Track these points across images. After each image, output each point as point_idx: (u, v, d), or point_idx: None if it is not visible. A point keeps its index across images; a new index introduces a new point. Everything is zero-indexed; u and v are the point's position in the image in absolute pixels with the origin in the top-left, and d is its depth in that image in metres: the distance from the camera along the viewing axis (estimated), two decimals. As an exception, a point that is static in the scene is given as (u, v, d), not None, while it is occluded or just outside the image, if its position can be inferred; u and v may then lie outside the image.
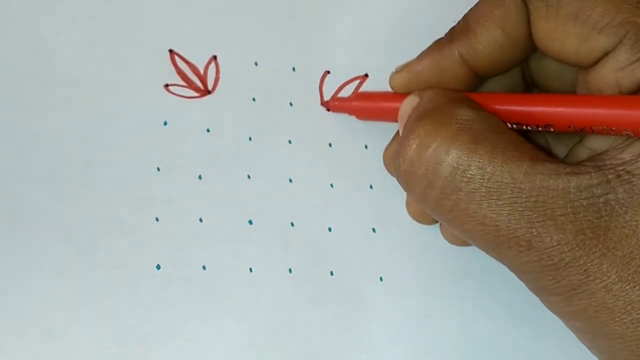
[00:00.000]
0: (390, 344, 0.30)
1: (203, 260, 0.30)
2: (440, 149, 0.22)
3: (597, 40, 0.22)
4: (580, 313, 0.21)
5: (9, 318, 0.28)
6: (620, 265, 0.20)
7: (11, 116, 0.30)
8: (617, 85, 0.22)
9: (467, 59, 0.25)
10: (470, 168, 0.22)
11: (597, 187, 0.21)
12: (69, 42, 0.31)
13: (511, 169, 0.21)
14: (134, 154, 0.30)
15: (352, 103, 0.31)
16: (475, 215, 0.22)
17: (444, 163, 0.22)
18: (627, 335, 0.21)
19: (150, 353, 0.29)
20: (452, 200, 0.22)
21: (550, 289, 0.22)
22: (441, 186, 0.22)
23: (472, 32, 0.25)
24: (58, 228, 0.29)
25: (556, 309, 0.22)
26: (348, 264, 0.30)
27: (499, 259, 0.23)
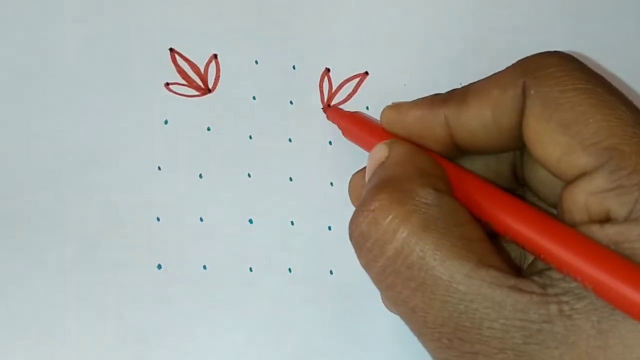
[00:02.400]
0: (389, 343, 0.30)
1: (203, 259, 0.30)
2: (389, 227, 0.22)
3: (579, 157, 0.21)
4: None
5: (10, 318, 0.28)
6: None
7: (11, 115, 0.30)
8: (585, 209, 0.21)
9: (451, 125, 0.25)
10: (412, 255, 0.21)
11: (536, 312, 0.20)
12: (69, 41, 0.31)
13: (452, 267, 0.20)
14: (135, 153, 0.30)
15: (342, 121, 0.31)
16: (407, 301, 0.21)
17: (389, 244, 0.21)
18: None
19: (150, 352, 0.29)
20: (390, 281, 0.22)
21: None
22: (383, 264, 0.22)
23: (465, 103, 0.24)
24: (58, 228, 0.29)
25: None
26: (348, 263, 0.31)
27: (421, 343, 0.22)
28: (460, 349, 0.21)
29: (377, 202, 0.22)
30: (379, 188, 0.23)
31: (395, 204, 0.22)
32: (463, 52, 0.34)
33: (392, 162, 0.24)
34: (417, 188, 0.22)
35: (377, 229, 0.22)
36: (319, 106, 0.32)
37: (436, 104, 0.25)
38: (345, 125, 0.30)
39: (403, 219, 0.21)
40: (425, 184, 0.22)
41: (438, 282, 0.21)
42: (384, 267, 0.22)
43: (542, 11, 0.36)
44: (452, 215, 0.22)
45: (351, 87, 0.32)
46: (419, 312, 0.21)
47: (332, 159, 0.32)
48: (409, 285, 0.21)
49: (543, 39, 0.35)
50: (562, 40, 0.35)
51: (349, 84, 0.32)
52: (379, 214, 0.22)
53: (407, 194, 0.22)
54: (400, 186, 0.22)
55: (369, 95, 0.32)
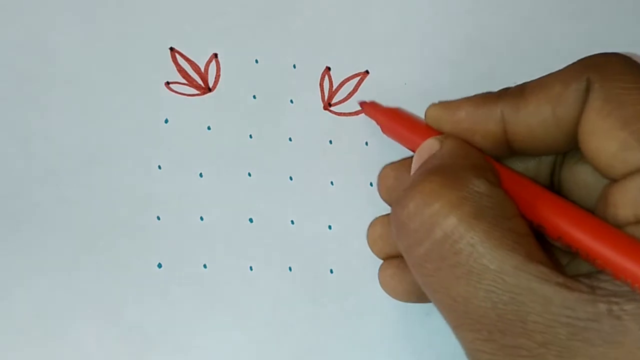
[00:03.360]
0: (389, 343, 0.30)
1: (204, 258, 0.30)
2: (440, 211, 0.21)
3: (635, 153, 0.21)
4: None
5: (10, 317, 0.28)
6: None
7: (11, 114, 0.30)
8: (633, 206, 0.21)
9: (507, 121, 0.24)
10: (462, 241, 0.21)
11: (583, 310, 0.20)
12: (69, 40, 0.31)
13: (501, 257, 0.20)
14: (135, 152, 0.30)
15: (380, 117, 0.30)
16: (450, 288, 0.21)
17: (438, 227, 0.21)
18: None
19: (150, 351, 0.29)
20: (434, 266, 0.22)
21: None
22: (428, 248, 0.22)
23: (523, 98, 0.24)
24: (58, 227, 0.29)
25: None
26: (348, 262, 0.31)
27: (456, 336, 0.22)
28: (500, 342, 0.20)
29: (428, 185, 0.22)
30: (432, 172, 0.23)
31: (448, 188, 0.22)
32: (463, 52, 0.34)
33: (444, 153, 0.24)
34: (470, 176, 0.22)
35: (427, 212, 0.22)
36: (320, 105, 0.32)
37: (491, 99, 0.25)
38: (384, 122, 0.30)
39: (455, 204, 0.21)
40: (478, 174, 0.22)
41: (486, 271, 0.20)
42: (429, 251, 0.22)
43: (542, 11, 0.36)
44: (503, 208, 0.22)
45: (352, 86, 0.32)
46: (461, 302, 0.21)
47: (333, 158, 0.32)
48: (454, 272, 0.21)
49: (543, 39, 0.35)
50: (562, 40, 0.35)
51: (349, 82, 0.32)
52: (430, 197, 0.22)
53: (460, 180, 0.22)
54: (454, 173, 0.22)
55: (370, 95, 0.32)
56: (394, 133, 0.29)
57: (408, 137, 0.28)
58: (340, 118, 0.32)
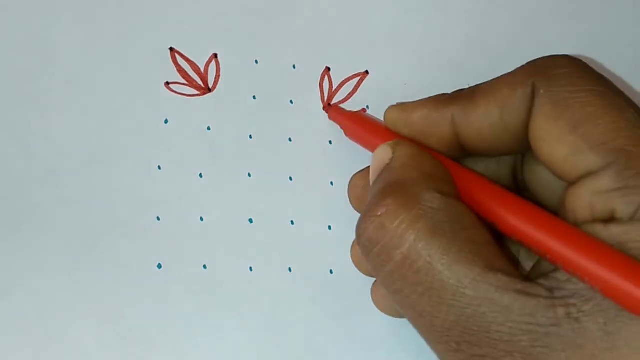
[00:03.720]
0: (389, 343, 0.30)
1: (203, 259, 0.30)
2: (396, 232, 0.21)
3: (585, 157, 0.21)
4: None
5: (10, 318, 0.28)
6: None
7: (11, 114, 0.30)
8: (590, 209, 0.21)
9: (457, 124, 0.25)
10: (419, 260, 0.21)
11: (543, 315, 0.20)
12: (70, 40, 0.31)
13: (459, 272, 0.21)
14: (135, 153, 0.30)
15: (343, 120, 0.30)
16: (415, 305, 0.21)
17: (397, 250, 0.21)
18: None
19: (150, 352, 0.29)
20: (398, 285, 0.22)
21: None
22: (390, 269, 0.22)
23: (473, 101, 0.24)
24: (58, 227, 0.29)
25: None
26: (348, 262, 0.30)
27: (430, 346, 0.22)
28: (468, 352, 0.21)
29: (384, 207, 0.22)
30: (385, 193, 0.23)
31: (402, 208, 0.22)
32: (463, 52, 0.34)
33: (397, 165, 0.24)
34: (423, 192, 0.22)
35: (384, 234, 0.22)
36: (319, 105, 0.32)
37: (443, 102, 0.25)
38: (347, 125, 0.30)
39: (410, 223, 0.21)
40: (432, 187, 0.22)
41: (445, 286, 0.21)
42: (392, 272, 0.22)
43: (542, 11, 0.36)
44: (459, 219, 0.22)
45: (351, 87, 0.32)
46: (427, 317, 0.21)
47: (332, 158, 0.32)
48: (417, 290, 0.21)
49: (543, 39, 0.35)
50: (562, 40, 0.35)
51: (349, 83, 0.32)
52: (385, 219, 0.22)
53: (413, 198, 0.22)
54: (406, 190, 0.22)
55: (370, 95, 0.32)
56: (356, 136, 0.29)
57: (368, 139, 0.28)
58: (340, 118, 0.32)
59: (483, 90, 0.24)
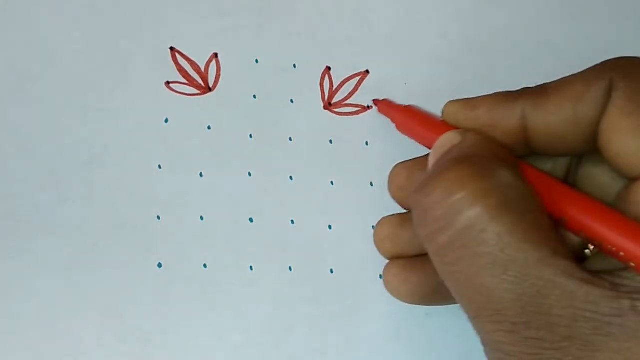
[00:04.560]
0: (389, 343, 0.30)
1: (204, 258, 0.30)
2: (465, 200, 0.21)
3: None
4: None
5: (10, 317, 0.28)
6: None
7: (12, 114, 0.30)
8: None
9: (527, 119, 0.24)
10: (488, 231, 0.20)
11: (607, 305, 0.20)
12: (70, 40, 0.31)
13: (527, 251, 0.20)
14: (135, 152, 0.30)
15: (395, 114, 0.30)
16: (472, 278, 0.21)
17: (464, 215, 0.21)
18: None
19: (151, 351, 0.29)
20: (456, 255, 0.21)
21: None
22: (451, 236, 0.21)
23: (545, 95, 0.24)
24: (59, 227, 0.29)
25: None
26: (348, 262, 0.30)
27: (474, 326, 0.22)
28: (523, 334, 0.20)
29: (455, 173, 0.22)
30: (458, 161, 0.22)
31: (474, 178, 0.21)
32: (463, 52, 0.34)
33: (468, 145, 0.24)
34: (496, 167, 0.22)
35: (451, 199, 0.21)
36: (320, 105, 0.32)
37: (512, 96, 0.25)
38: (400, 119, 0.30)
39: (481, 194, 0.21)
40: (505, 167, 0.22)
41: (512, 262, 0.20)
42: (452, 239, 0.21)
43: (542, 11, 0.36)
44: (528, 201, 0.22)
45: (352, 86, 0.32)
46: (484, 292, 0.21)
47: (333, 158, 0.32)
48: (478, 262, 0.21)
49: (543, 39, 0.35)
50: (562, 40, 0.35)
51: (349, 82, 0.32)
52: (456, 185, 0.21)
53: (486, 171, 0.22)
54: (480, 163, 0.22)
55: (370, 94, 0.32)
56: (410, 130, 0.29)
57: (424, 134, 0.28)
58: (340, 118, 0.32)
59: (555, 86, 0.24)
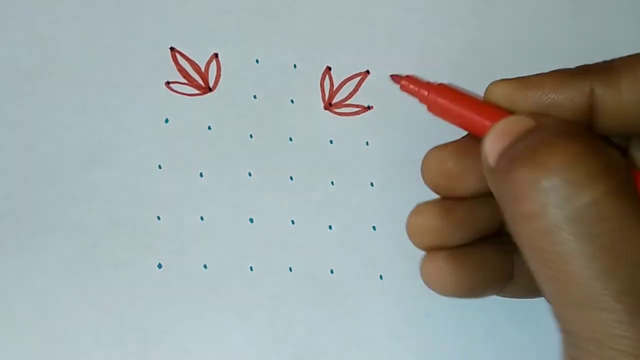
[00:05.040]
0: (389, 343, 0.30)
1: (204, 258, 0.30)
2: (587, 175, 0.19)
3: None
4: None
5: (10, 317, 0.28)
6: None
7: (12, 115, 0.30)
8: None
9: (597, 98, 0.22)
10: (611, 209, 0.19)
11: None
12: (70, 40, 0.31)
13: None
14: (135, 152, 0.30)
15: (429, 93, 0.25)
16: (590, 259, 0.19)
17: (586, 192, 0.19)
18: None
19: (151, 351, 0.29)
20: (574, 232, 0.19)
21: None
22: (568, 214, 0.19)
23: (616, 72, 0.22)
24: (59, 227, 0.29)
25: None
26: (348, 262, 0.30)
27: (575, 318, 0.20)
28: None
29: (575, 147, 0.19)
30: (563, 136, 0.20)
31: (592, 154, 0.19)
32: (463, 52, 0.34)
33: (553, 126, 0.21)
34: (606, 146, 0.20)
35: (573, 173, 0.19)
36: (320, 105, 0.32)
37: (578, 74, 0.22)
38: (434, 99, 0.25)
39: (603, 172, 0.19)
40: (609, 146, 0.21)
41: (636, 243, 0.18)
42: (570, 217, 0.19)
43: (542, 11, 0.36)
44: (635, 185, 0.20)
45: (352, 86, 0.32)
46: (601, 275, 0.19)
47: (333, 158, 0.32)
48: (596, 242, 0.19)
49: (543, 39, 0.35)
50: (562, 40, 0.35)
51: (350, 82, 0.32)
52: (576, 159, 0.19)
53: (600, 149, 0.20)
54: (592, 141, 0.20)
55: (370, 94, 0.32)
56: (448, 112, 0.25)
57: (470, 116, 0.24)
58: (340, 118, 0.32)
59: (627, 63, 0.22)
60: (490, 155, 0.22)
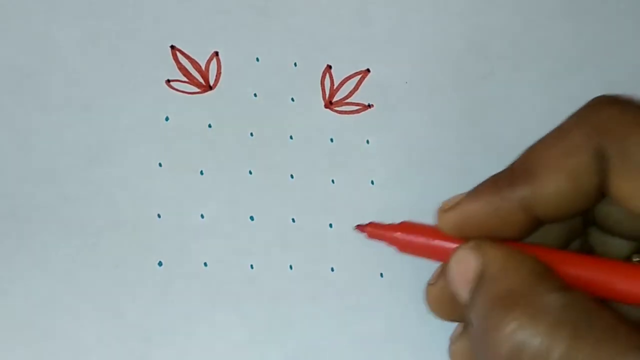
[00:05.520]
0: (389, 342, 0.30)
1: (204, 256, 0.30)
2: (543, 346, 0.20)
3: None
4: None
5: (10, 316, 0.28)
6: None
7: (12, 113, 0.30)
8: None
9: (529, 206, 0.23)
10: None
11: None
12: (70, 38, 0.31)
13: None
14: (136, 150, 0.30)
15: (393, 234, 0.27)
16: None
17: (529, 346, 0.20)
18: None
19: (151, 350, 0.29)
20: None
21: None
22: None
23: (537, 179, 0.23)
24: (59, 225, 0.29)
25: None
26: (349, 260, 0.30)
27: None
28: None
29: (515, 322, 0.20)
30: (507, 305, 0.21)
31: (535, 320, 0.20)
32: (463, 52, 0.34)
33: (495, 270, 0.23)
34: (547, 295, 0.21)
35: (527, 351, 0.20)
36: (321, 103, 0.32)
37: (503, 188, 0.24)
38: (399, 240, 0.27)
39: (551, 333, 0.20)
40: (549, 287, 0.21)
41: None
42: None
43: (542, 11, 0.36)
44: (589, 310, 0.20)
45: (353, 84, 0.32)
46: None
47: (333, 156, 0.32)
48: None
49: (543, 39, 0.35)
50: (562, 40, 0.35)
51: (350, 81, 0.32)
52: (523, 335, 0.20)
53: (541, 304, 0.21)
54: (528, 297, 0.21)
55: (371, 93, 0.32)
56: (415, 249, 0.27)
57: (435, 248, 0.26)
58: (341, 116, 0.32)
59: (542, 163, 0.23)
60: (460, 296, 0.24)
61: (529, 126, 0.25)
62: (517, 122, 0.34)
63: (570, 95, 0.34)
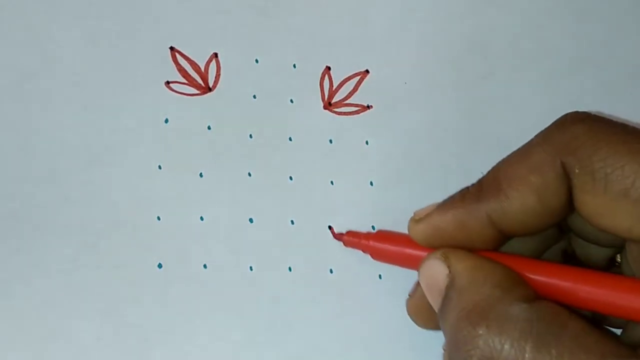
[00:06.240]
0: (389, 343, 0.30)
1: (204, 258, 0.30)
2: (508, 358, 0.20)
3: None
4: None
5: (10, 317, 0.28)
6: None
7: (12, 114, 0.30)
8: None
9: (495, 220, 0.24)
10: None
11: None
12: (70, 39, 0.31)
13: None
14: (135, 152, 0.30)
15: (368, 242, 0.29)
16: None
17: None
18: None
19: (151, 351, 0.29)
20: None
21: None
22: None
23: (503, 195, 0.23)
24: (59, 227, 0.29)
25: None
26: (348, 262, 0.30)
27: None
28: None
29: (481, 339, 0.21)
30: (472, 320, 0.21)
31: (500, 333, 0.21)
32: (463, 52, 0.34)
33: (463, 283, 0.23)
34: (512, 307, 0.21)
35: (490, 350, 0.21)
36: (320, 105, 0.32)
37: (471, 202, 0.24)
38: (374, 248, 0.29)
39: (517, 344, 0.20)
40: (514, 298, 0.21)
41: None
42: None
43: (542, 11, 0.36)
44: (555, 320, 0.21)
45: (352, 86, 0.32)
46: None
47: (333, 157, 0.32)
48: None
49: (543, 39, 0.35)
50: (562, 40, 0.35)
51: (349, 82, 0.32)
52: (488, 349, 0.21)
53: (506, 317, 0.21)
54: (493, 311, 0.21)
55: (370, 94, 0.32)
56: (388, 257, 0.28)
57: (407, 256, 0.27)
58: (340, 117, 0.32)
59: (509, 180, 0.23)
60: (434, 306, 0.25)
61: (529, 126, 0.24)
62: (517, 122, 0.34)
63: (570, 95, 0.34)
